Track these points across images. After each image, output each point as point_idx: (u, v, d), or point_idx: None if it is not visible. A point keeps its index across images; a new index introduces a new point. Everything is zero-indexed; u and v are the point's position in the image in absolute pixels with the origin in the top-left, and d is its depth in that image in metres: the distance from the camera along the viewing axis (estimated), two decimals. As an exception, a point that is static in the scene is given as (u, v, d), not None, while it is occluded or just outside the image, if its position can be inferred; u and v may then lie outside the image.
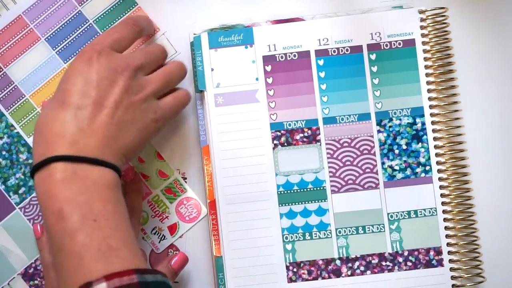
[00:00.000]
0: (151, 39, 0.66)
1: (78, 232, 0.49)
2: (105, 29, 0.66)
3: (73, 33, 0.66)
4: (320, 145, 0.64)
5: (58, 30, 0.66)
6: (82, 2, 0.67)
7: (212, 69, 0.64)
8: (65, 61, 0.66)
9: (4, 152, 0.66)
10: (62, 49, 0.66)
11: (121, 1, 0.67)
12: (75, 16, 0.66)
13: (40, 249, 0.63)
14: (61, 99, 0.54)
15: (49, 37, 0.66)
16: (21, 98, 0.66)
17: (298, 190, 0.63)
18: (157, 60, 0.61)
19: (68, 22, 0.66)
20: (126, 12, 0.66)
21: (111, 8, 0.67)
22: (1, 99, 0.66)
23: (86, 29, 0.66)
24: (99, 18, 0.66)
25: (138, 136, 0.57)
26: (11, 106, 0.66)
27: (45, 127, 0.53)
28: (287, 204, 0.63)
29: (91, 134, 0.53)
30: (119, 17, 0.66)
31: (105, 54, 0.56)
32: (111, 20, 0.66)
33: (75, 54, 0.66)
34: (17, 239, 0.65)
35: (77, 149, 0.52)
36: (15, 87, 0.66)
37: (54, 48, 0.66)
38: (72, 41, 0.66)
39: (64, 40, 0.66)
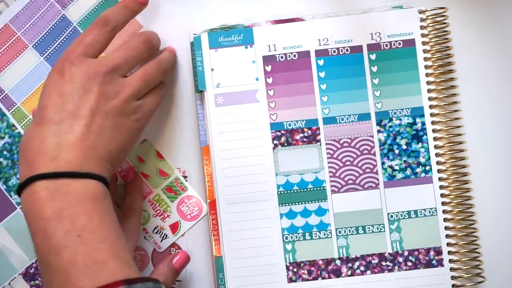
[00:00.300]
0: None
1: (63, 249, 0.49)
2: None
3: (59, 37, 0.66)
4: (320, 145, 0.64)
5: (45, 36, 0.66)
6: (65, 6, 0.66)
7: (212, 69, 0.64)
8: (52, 66, 0.66)
9: (5, 152, 0.66)
10: (50, 55, 0.66)
11: (103, 1, 0.66)
12: (59, 20, 0.66)
13: (41, 249, 0.63)
14: (39, 117, 0.54)
15: (36, 44, 0.66)
16: (12, 106, 0.66)
17: (298, 190, 0.63)
18: (140, 54, 0.59)
19: (53, 27, 0.66)
20: None
21: (93, 10, 0.66)
22: (-8, 108, 0.67)
23: (70, 32, 0.66)
24: (82, 20, 0.66)
25: (123, 140, 0.56)
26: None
27: (26, 146, 0.53)
28: (287, 204, 0.63)
29: (69, 147, 0.52)
30: None
31: (77, 62, 0.55)
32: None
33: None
34: (18, 239, 0.65)
35: (57, 165, 0.51)
36: (6, 95, 0.66)
37: (42, 55, 0.66)
38: (58, 46, 0.66)
39: (50, 46, 0.66)
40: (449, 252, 0.62)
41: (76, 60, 0.55)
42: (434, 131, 0.63)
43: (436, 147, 0.63)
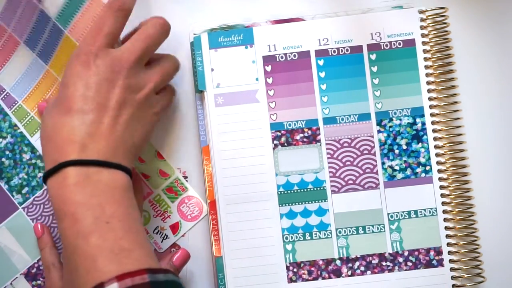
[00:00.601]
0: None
1: (91, 234, 0.50)
2: (67, 26, 0.60)
3: (44, 33, 0.63)
4: (320, 145, 0.64)
5: (32, 31, 0.64)
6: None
7: (212, 69, 0.64)
8: (46, 63, 0.65)
9: (7, 152, 0.66)
10: (41, 51, 0.65)
11: None
12: (39, 15, 0.62)
13: (42, 248, 0.63)
14: (65, 106, 0.55)
15: (26, 40, 0.65)
16: (14, 104, 0.66)
17: (298, 190, 0.63)
18: (158, 41, 0.60)
19: (36, 22, 0.63)
20: (84, 2, 0.60)
21: (68, 3, 0.60)
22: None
23: (52, 28, 0.62)
24: (60, 15, 0.60)
25: (144, 132, 0.58)
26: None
27: (54, 134, 0.54)
28: (287, 204, 0.63)
29: (100, 137, 0.54)
30: (77, 10, 0.60)
31: (101, 55, 0.56)
32: (70, 14, 0.60)
33: (51, 54, 0.64)
34: (20, 239, 0.65)
35: (88, 153, 0.53)
36: (7, 94, 0.66)
37: (33, 50, 0.65)
38: (46, 41, 0.64)
39: (39, 41, 0.64)
40: (449, 252, 0.62)
41: (100, 52, 0.56)
42: (434, 131, 0.63)
43: (436, 147, 0.63)
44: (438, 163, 0.63)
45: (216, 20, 0.66)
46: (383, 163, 0.63)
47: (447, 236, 0.62)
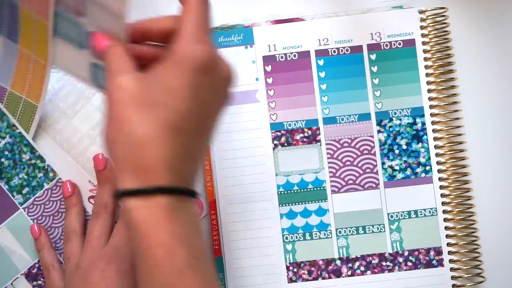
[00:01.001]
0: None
1: (185, 270, 0.45)
2: None
3: (3, 9, 0.57)
4: (320, 145, 0.64)
5: None
6: None
7: (212, 70, 0.64)
8: (17, 42, 0.59)
9: (6, 152, 0.66)
10: (7, 30, 0.58)
11: None
12: None
13: (39, 249, 0.63)
14: (170, 120, 0.45)
15: None
16: (4, 93, 0.64)
17: (298, 190, 0.63)
18: None
19: None
20: None
21: None
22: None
23: (7, 2, 0.56)
24: None
25: None
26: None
27: (147, 147, 0.45)
28: (287, 204, 0.63)
29: (190, 164, 0.47)
30: None
31: (217, 62, 0.47)
32: None
33: (17, 31, 0.57)
34: (21, 239, 0.65)
35: (182, 181, 0.46)
36: None
37: (0, 32, 0.59)
38: (8, 19, 0.57)
39: (2, 20, 0.57)
40: (449, 252, 0.62)
41: (217, 58, 0.46)
42: (434, 131, 0.63)
43: (436, 147, 0.63)
44: (438, 163, 0.63)
45: (216, 20, 0.66)
46: (383, 163, 0.63)
47: (447, 236, 0.62)
